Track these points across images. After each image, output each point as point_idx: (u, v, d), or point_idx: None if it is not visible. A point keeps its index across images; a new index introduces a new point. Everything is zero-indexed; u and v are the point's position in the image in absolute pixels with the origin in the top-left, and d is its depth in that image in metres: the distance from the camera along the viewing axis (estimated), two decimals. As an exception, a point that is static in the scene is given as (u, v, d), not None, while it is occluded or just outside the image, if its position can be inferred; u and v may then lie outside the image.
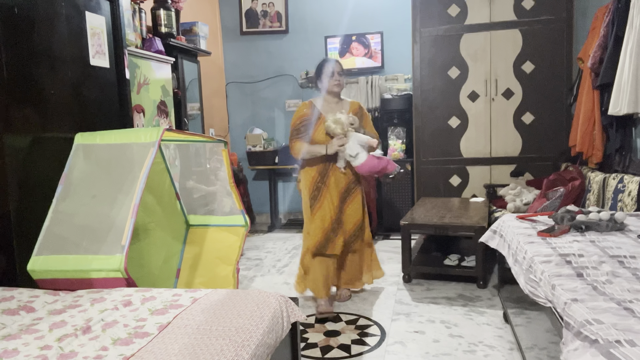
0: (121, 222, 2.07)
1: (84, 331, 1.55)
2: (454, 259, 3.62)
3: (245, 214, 2.98)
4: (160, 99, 3.80)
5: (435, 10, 4.54)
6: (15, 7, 2.27)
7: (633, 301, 1.38)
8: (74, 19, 2.65)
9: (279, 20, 5.60)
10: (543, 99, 4.40)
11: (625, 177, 2.88)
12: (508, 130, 4.51)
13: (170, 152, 3.27)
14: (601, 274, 1.62)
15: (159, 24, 4.13)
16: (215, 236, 3.06)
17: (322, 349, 2.61)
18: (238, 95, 5.77)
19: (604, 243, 2.00)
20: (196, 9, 5.16)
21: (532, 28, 4.37)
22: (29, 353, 1.42)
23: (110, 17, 2.95)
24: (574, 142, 3.71)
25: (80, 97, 2.70)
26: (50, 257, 2.05)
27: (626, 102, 2.87)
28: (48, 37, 2.48)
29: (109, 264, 1.98)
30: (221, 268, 2.96)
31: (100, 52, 2.85)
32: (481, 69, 4.49)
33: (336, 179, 3.06)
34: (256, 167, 5.55)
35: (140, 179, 2.12)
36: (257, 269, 4.10)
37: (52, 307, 1.78)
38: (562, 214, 2.39)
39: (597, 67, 3.28)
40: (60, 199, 2.18)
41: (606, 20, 3.24)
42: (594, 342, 1.17)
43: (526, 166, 4.49)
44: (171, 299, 1.80)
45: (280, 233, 5.41)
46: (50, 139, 2.47)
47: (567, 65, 4.32)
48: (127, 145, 2.28)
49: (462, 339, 2.64)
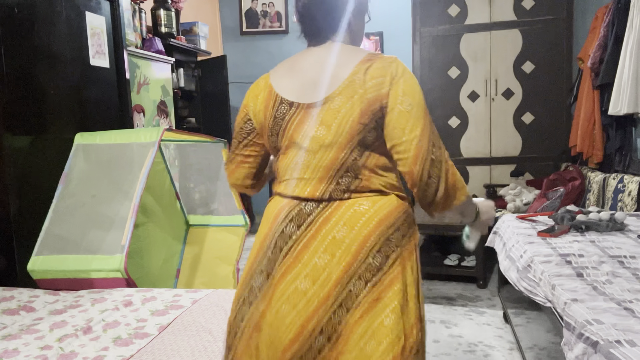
0: (121, 222, 2.07)
1: (85, 331, 1.55)
2: (454, 259, 3.61)
3: (245, 214, 2.98)
4: (160, 99, 3.80)
5: (435, 10, 4.54)
6: (15, 7, 2.27)
7: (633, 301, 1.38)
8: (74, 19, 2.65)
9: (279, 20, 5.60)
10: (543, 99, 4.40)
11: (625, 177, 2.87)
12: (508, 130, 4.51)
13: (170, 152, 3.27)
14: (601, 274, 1.62)
15: (159, 24, 4.13)
16: (215, 236, 3.06)
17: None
18: (238, 95, 5.77)
19: (604, 243, 2.00)
20: (196, 9, 5.15)
21: (532, 28, 4.37)
22: (29, 353, 1.42)
23: (110, 17, 2.95)
24: (574, 142, 3.71)
25: (80, 97, 2.70)
26: (50, 257, 2.05)
27: (626, 102, 2.87)
28: (48, 37, 2.48)
29: (109, 264, 1.98)
30: (221, 268, 2.96)
31: (100, 52, 2.85)
32: (481, 69, 4.49)
33: None
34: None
35: (140, 179, 2.12)
36: (257, 269, 4.09)
37: (52, 307, 1.78)
38: (562, 214, 2.39)
39: (597, 67, 3.28)
40: (60, 199, 2.18)
41: (606, 20, 3.24)
42: (596, 344, 1.17)
43: (526, 166, 4.49)
44: (172, 299, 1.80)
45: (280, 233, 5.41)
46: (50, 139, 2.47)
47: (567, 65, 4.32)
48: (127, 145, 2.28)
49: (462, 339, 2.64)
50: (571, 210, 2.43)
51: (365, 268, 1.12)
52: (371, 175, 1.16)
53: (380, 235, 1.13)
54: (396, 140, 1.11)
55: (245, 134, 1.30)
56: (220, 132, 4.60)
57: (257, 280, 1.20)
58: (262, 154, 1.31)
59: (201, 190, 3.23)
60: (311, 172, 1.17)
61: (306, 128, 1.16)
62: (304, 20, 1.22)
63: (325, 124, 1.14)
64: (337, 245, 1.13)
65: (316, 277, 1.12)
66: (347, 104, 1.12)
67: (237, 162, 1.33)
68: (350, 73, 1.13)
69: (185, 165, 3.28)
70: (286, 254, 1.16)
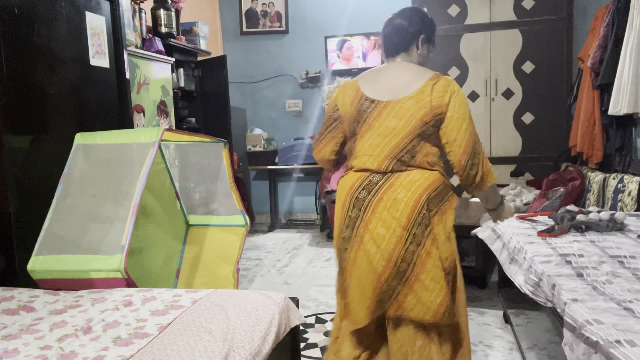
0: (121, 222, 2.07)
1: (85, 331, 1.55)
2: (454, 259, 3.61)
3: (245, 214, 2.98)
4: (160, 99, 3.80)
5: (435, 10, 4.54)
6: (15, 7, 2.27)
7: (633, 301, 1.38)
8: (74, 19, 2.65)
9: (279, 20, 5.60)
10: (543, 99, 4.41)
11: (625, 177, 2.88)
12: (508, 130, 4.51)
13: (170, 152, 3.27)
14: (601, 274, 1.62)
15: (159, 24, 4.13)
16: (215, 236, 3.06)
17: (322, 349, 2.61)
18: (238, 95, 5.77)
19: (604, 243, 2.00)
20: (196, 9, 5.16)
21: (532, 28, 4.37)
22: (29, 353, 1.42)
23: (110, 17, 2.95)
24: (574, 142, 3.71)
25: (80, 97, 2.70)
26: (50, 257, 2.05)
27: (626, 102, 2.87)
28: (48, 37, 2.48)
29: (108, 264, 1.98)
30: (221, 268, 2.96)
31: (100, 52, 2.85)
32: (481, 69, 4.49)
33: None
34: (256, 167, 5.55)
35: (140, 179, 2.12)
36: (257, 269, 4.09)
37: (52, 307, 1.78)
38: (562, 214, 2.39)
39: (597, 67, 3.28)
40: (60, 199, 2.18)
41: (606, 20, 3.24)
42: (596, 344, 1.17)
43: (526, 166, 4.49)
44: (172, 299, 1.80)
45: (280, 233, 5.41)
46: (50, 139, 2.46)
47: (567, 65, 4.33)
48: (127, 145, 2.28)
49: (462, 339, 2.64)
50: (571, 210, 2.43)
51: (421, 218, 1.62)
52: (423, 157, 1.65)
53: (427, 196, 1.63)
54: (451, 138, 1.62)
55: (333, 120, 1.82)
56: (220, 132, 4.61)
57: (346, 233, 1.70)
58: (342, 136, 1.81)
59: (201, 190, 3.23)
60: (380, 151, 1.66)
61: (382, 119, 1.66)
62: (386, 43, 1.81)
63: (397, 117, 1.64)
64: (399, 203, 1.63)
65: (389, 225, 1.62)
66: (415, 106, 1.63)
67: (326, 141, 1.84)
68: (422, 85, 1.65)
69: (185, 165, 3.28)
70: (364, 212, 1.66)
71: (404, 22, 1.79)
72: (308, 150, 5.18)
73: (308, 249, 4.69)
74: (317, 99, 5.63)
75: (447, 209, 1.68)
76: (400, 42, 1.77)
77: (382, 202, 1.63)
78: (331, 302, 3.25)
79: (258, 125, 5.75)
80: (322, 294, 3.42)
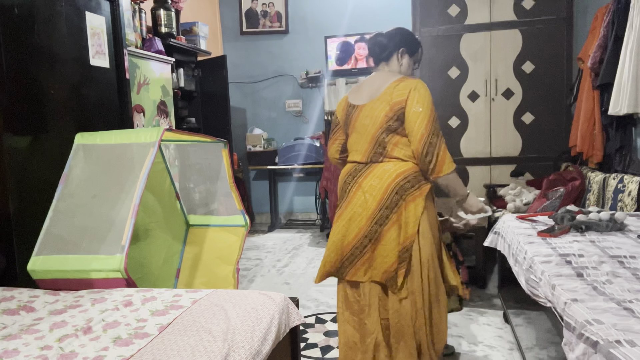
0: (121, 222, 2.06)
1: (85, 331, 1.55)
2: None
3: (245, 214, 2.98)
4: (160, 99, 3.80)
5: (435, 10, 4.54)
6: (15, 7, 2.27)
7: (633, 301, 1.37)
8: (74, 19, 2.65)
9: (279, 20, 5.60)
10: (543, 99, 4.40)
11: (625, 177, 2.87)
12: (508, 130, 4.51)
13: (170, 152, 3.27)
14: (601, 274, 1.62)
15: (159, 24, 4.13)
16: (215, 236, 3.05)
17: (322, 349, 2.61)
18: (238, 95, 5.77)
19: (604, 243, 2.00)
20: (196, 9, 5.16)
21: (532, 28, 4.36)
22: (29, 353, 1.42)
23: (110, 17, 2.95)
24: (574, 142, 3.71)
25: (80, 97, 2.70)
26: (50, 257, 2.05)
27: (626, 102, 2.87)
28: (48, 37, 2.48)
29: (109, 264, 1.98)
30: (221, 268, 2.96)
31: (100, 52, 2.85)
32: (481, 69, 4.49)
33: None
34: (256, 167, 5.55)
35: (140, 179, 2.12)
36: (257, 269, 4.09)
37: (52, 307, 1.78)
38: (562, 214, 2.39)
39: (597, 67, 3.28)
40: (60, 199, 2.18)
41: (606, 20, 3.24)
42: (596, 344, 1.17)
43: (526, 166, 4.49)
44: (172, 299, 1.80)
45: (280, 233, 5.41)
46: (50, 139, 2.46)
47: (567, 65, 4.32)
48: (127, 145, 2.28)
49: (462, 339, 2.64)
50: (571, 210, 2.43)
51: (390, 202, 1.96)
52: (394, 148, 1.98)
53: (397, 184, 1.95)
54: (409, 128, 1.93)
55: (334, 125, 2.23)
56: (220, 132, 4.61)
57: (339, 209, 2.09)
58: (343, 138, 2.20)
59: (201, 190, 3.23)
60: (361, 146, 2.04)
61: (360, 119, 2.03)
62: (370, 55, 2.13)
63: (369, 117, 1.99)
64: (373, 188, 1.97)
65: (364, 206, 1.99)
66: (381, 105, 1.96)
67: (331, 142, 2.25)
68: (387, 87, 1.97)
69: (185, 165, 3.28)
70: (348, 193, 2.06)
71: (384, 38, 2.08)
72: (308, 150, 5.18)
73: (308, 249, 4.69)
74: (317, 99, 5.63)
75: (417, 196, 1.95)
76: (380, 53, 2.08)
77: (361, 187, 2.00)
78: (331, 302, 3.25)
79: (258, 125, 5.75)
80: (322, 294, 3.42)
